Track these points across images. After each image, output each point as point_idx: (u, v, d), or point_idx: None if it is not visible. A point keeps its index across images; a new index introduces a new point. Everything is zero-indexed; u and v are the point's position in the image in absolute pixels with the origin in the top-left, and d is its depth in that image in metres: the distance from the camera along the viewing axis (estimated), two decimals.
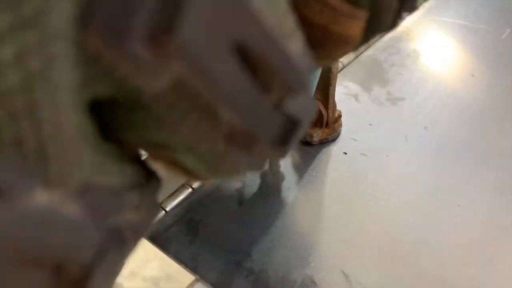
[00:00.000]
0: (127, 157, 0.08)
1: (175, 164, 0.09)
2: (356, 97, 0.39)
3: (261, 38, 0.07)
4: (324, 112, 0.34)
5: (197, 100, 0.07)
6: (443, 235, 0.28)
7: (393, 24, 0.12)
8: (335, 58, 0.11)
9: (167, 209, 0.29)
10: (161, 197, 0.30)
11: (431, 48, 0.46)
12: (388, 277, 0.26)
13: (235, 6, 0.07)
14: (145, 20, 0.06)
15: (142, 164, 0.09)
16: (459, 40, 0.47)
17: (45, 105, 0.06)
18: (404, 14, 0.12)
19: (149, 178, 0.09)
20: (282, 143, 0.09)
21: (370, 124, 0.36)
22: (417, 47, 0.46)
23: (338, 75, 0.41)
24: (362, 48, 0.43)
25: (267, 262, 0.26)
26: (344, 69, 0.42)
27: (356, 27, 0.10)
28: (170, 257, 0.26)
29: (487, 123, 0.37)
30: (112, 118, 0.08)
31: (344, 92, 0.40)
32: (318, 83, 0.33)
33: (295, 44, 0.08)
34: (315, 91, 0.33)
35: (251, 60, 0.07)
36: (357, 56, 0.44)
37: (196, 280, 0.26)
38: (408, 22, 0.50)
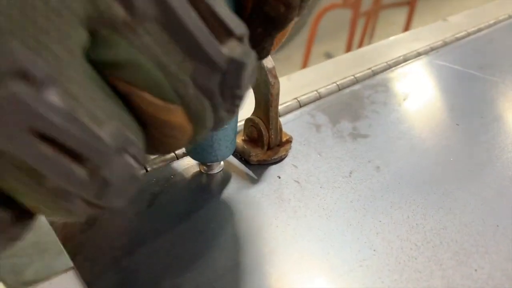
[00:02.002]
0: None
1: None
2: (318, 127, 0.38)
3: (56, 126, 0.10)
4: (265, 133, 0.33)
5: (17, 164, 0.10)
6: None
7: (216, 124, 0.14)
8: (175, 141, 0.14)
9: None
10: None
11: (426, 93, 0.44)
12: None
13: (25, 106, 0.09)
14: None
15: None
16: (462, 88, 0.44)
17: None
18: (224, 113, 0.13)
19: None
20: (99, 199, 0.11)
21: (319, 155, 0.35)
22: (409, 89, 0.44)
23: (312, 104, 0.40)
24: (349, 82, 0.42)
25: (145, 264, 0.26)
26: (321, 99, 0.42)
27: (177, 116, 0.12)
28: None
29: (449, 174, 0.34)
30: None
31: (309, 121, 0.39)
32: (260, 104, 0.33)
33: (107, 128, 0.11)
34: (256, 111, 0.33)
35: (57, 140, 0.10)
36: (340, 89, 0.43)
37: (71, 268, 0.26)
38: (412, 64, 0.48)
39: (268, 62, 0.30)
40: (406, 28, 1.94)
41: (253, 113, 0.34)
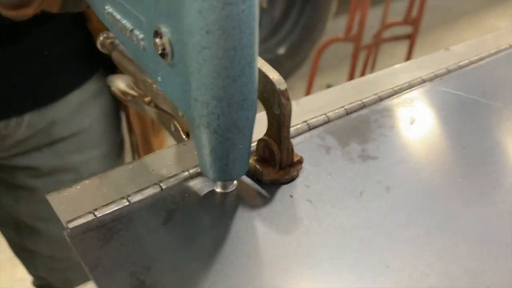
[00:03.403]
0: None
1: None
2: (328, 149, 0.39)
3: None
4: (277, 153, 0.34)
5: None
6: None
7: None
8: None
9: (97, 214, 0.31)
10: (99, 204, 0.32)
11: (431, 117, 0.45)
12: None
13: None
14: None
15: None
16: (466, 113, 0.45)
17: None
18: None
19: None
20: None
21: (329, 175, 0.36)
22: (415, 114, 0.45)
23: (321, 127, 0.41)
24: (356, 106, 0.43)
25: (161, 280, 0.26)
26: (330, 122, 0.43)
27: None
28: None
29: (457, 195, 0.34)
30: None
31: (319, 143, 0.40)
32: (273, 125, 0.34)
33: None
34: (268, 132, 0.34)
35: None
36: (348, 113, 0.44)
37: (89, 282, 0.27)
38: (417, 90, 0.49)
39: (281, 84, 0.32)
40: (407, 61, 1.98)
41: (266, 134, 0.35)
